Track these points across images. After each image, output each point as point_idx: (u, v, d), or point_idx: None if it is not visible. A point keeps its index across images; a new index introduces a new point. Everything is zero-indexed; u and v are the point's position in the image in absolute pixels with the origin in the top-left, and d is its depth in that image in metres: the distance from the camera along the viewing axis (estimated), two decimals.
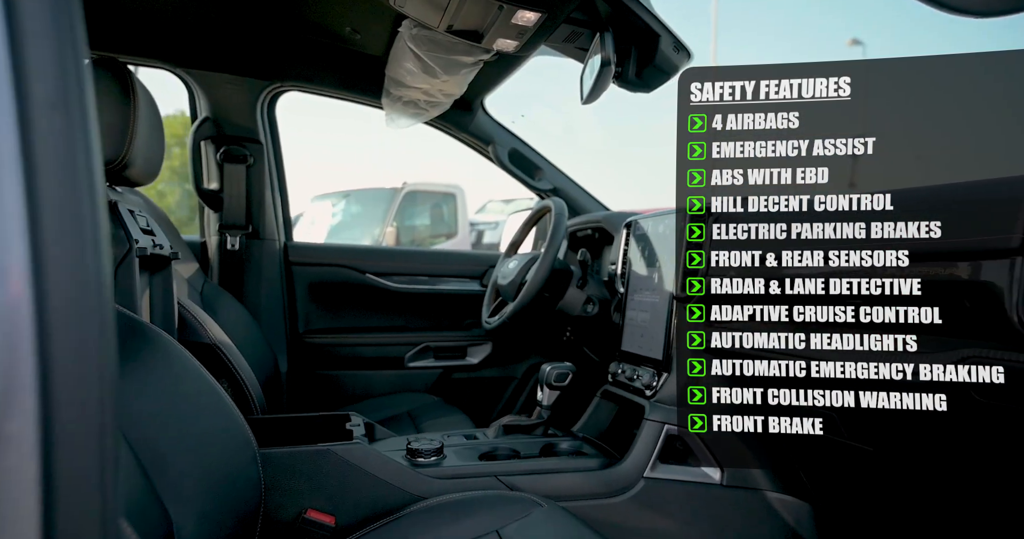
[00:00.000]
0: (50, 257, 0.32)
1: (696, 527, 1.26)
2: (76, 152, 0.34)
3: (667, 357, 1.35)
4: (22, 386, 0.31)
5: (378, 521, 1.07)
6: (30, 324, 0.32)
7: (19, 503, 0.31)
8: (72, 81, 0.34)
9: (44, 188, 0.32)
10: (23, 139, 0.32)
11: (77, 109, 0.34)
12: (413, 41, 1.52)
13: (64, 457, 0.32)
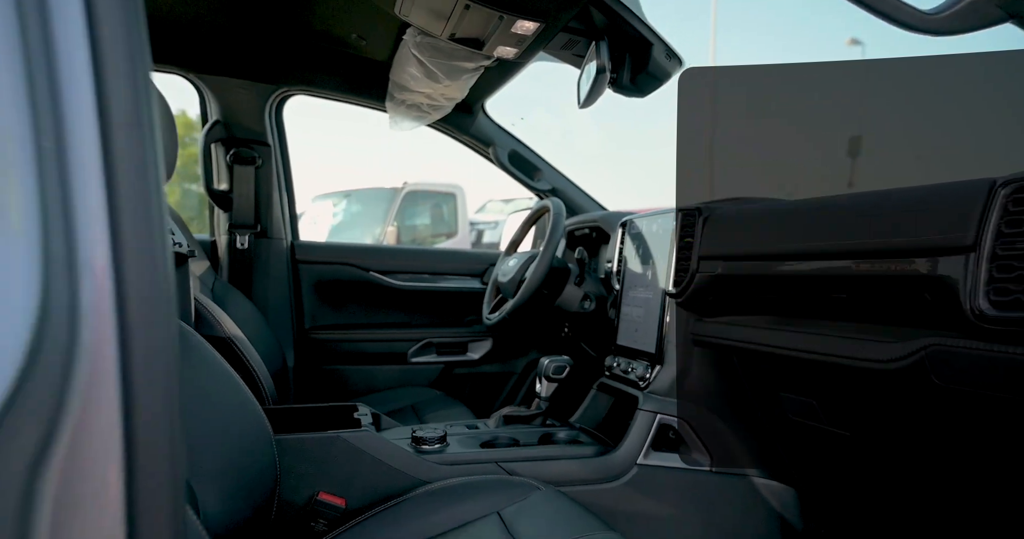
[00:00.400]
0: (127, 255, 0.39)
1: (686, 511, 1.32)
2: (147, 165, 0.40)
3: (659, 350, 1.42)
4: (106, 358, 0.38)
5: (385, 503, 1.13)
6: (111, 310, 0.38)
7: (106, 469, 0.37)
8: (143, 103, 0.41)
9: (123, 197, 0.39)
10: (104, 155, 0.38)
11: (147, 127, 0.40)
12: (417, 48, 1.58)
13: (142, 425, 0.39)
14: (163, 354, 0.40)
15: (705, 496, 1.33)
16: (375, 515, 1.10)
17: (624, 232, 1.70)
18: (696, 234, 1.32)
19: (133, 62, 0.40)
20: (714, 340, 1.29)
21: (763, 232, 1.15)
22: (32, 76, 0.35)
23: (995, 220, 0.71)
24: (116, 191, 0.38)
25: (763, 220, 1.17)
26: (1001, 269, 0.70)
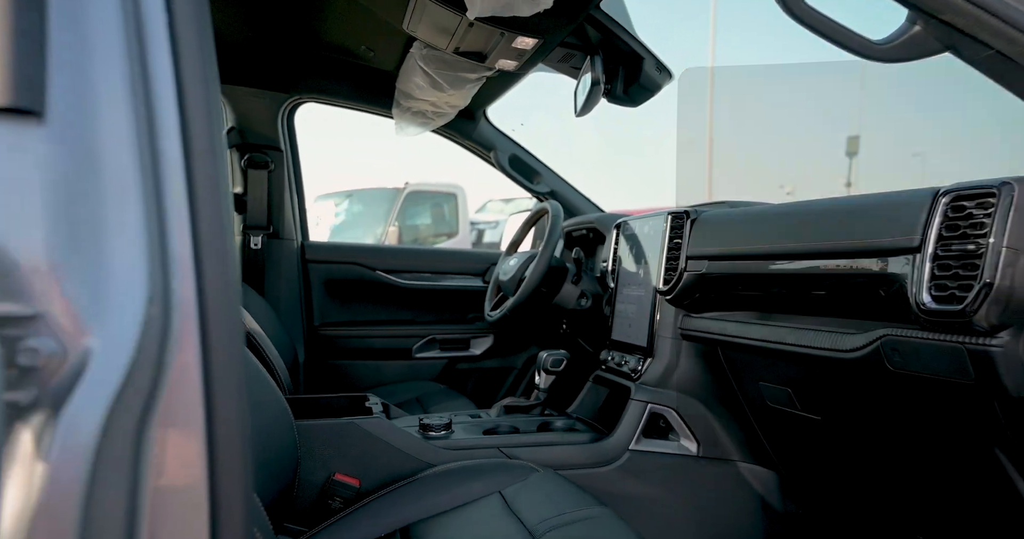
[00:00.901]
0: (204, 255, 0.48)
1: (675, 494, 1.42)
2: (219, 184, 0.50)
3: (651, 344, 1.52)
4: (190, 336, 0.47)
5: (396, 484, 1.23)
6: (194, 298, 0.48)
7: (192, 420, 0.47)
8: (216, 134, 0.50)
9: (201, 211, 0.48)
10: (188, 178, 0.48)
11: (220, 154, 0.50)
12: (423, 60, 1.68)
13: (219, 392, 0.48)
14: (231, 335, 0.50)
15: (692, 480, 1.43)
16: (387, 494, 1.20)
17: (618, 233, 1.80)
18: (684, 235, 1.42)
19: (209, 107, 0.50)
20: (700, 334, 1.39)
21: (743, 234, 1.25)
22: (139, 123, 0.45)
23: (937, 225, 0.81)
24: (196, 205, 0.48)
25: (744, 223, 1.27)
26: (941, 268, 0.79)
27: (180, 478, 0.46)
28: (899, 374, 0.88)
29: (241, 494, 0.49)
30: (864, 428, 1.07)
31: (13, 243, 0.38)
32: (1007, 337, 0.74)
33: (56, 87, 0.41)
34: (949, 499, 1.00)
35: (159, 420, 0.43)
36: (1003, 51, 0.73)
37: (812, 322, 1.09)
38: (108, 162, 0.43)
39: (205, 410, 0.47)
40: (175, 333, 0.46)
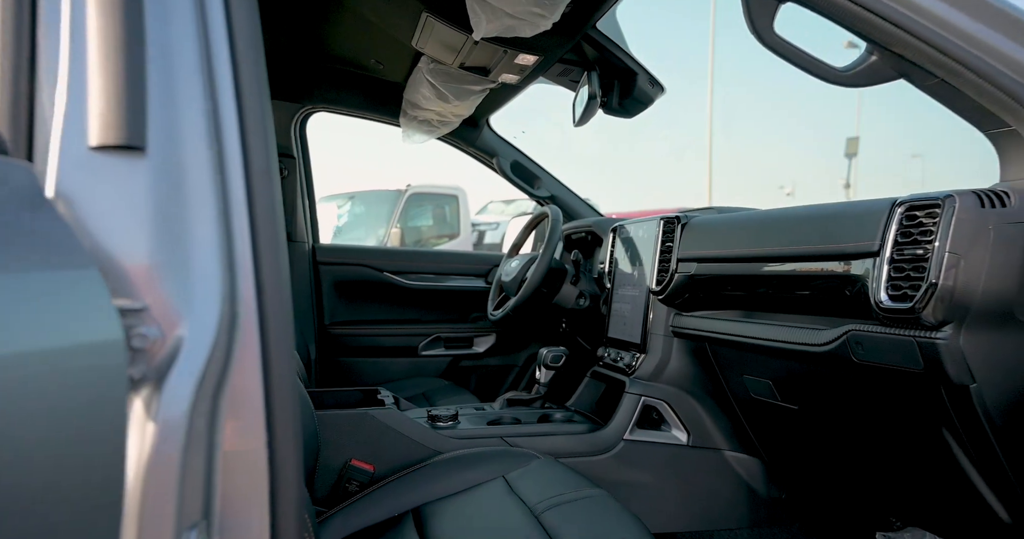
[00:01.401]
0: (262, 262, 0.58)
1: (666, 480, 1.52)
2: (274, 201, 0.60)
3: (644, 341, 1.62)
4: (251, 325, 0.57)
5: (407, 469, 1.33)
6: (254, 295, 0.58)
7: (254, 395, 0.57)
8: (271, 157, 0.60)
9: (259, 225, 0.58)
10: (248, 197, 0.58)
11: (274, 175, 0.60)
12: (430, 74, 1.78)
13: (274, 374, 0.58)
14: (283, 327, 0.60)
15: (683, 467, 1.53)
16: (399, 478, 1.30)
17: (615, 236, 1.90)
18: (675, 239, 1.53)
19: (266, 136, 0.60)
20: (690, 332, 1.49)
21: (729, 238, 1.35)
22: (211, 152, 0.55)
23: (893, 232, 0.91)
24: (255, 220, 0.58)
25: (729, 227, 1.37)
26: (895, 270, 0.90)
27: (244, 444, 0.56)
28: (863, 365, 0.98)
29: (294, 460, 0.59)
30: (835, 415, 1.17)
31: (127, 253, 0.48)
32: (950, 331, 0.85)
33: (152, 125, 0.52)
34: (911, 478, 1.10)
35: (228, 396, 0.54)
36: (946, 79, 0.83)
37: (790, 319, 1.19)
38: (191, 186, 0.53)
39: (263, 388, 0.58)
40: (240, 325, 0.56)
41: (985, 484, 0.93)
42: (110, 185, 0.49)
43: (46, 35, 0.50)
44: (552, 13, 1.24)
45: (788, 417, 1.31)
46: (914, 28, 0.80)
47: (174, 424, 0.48)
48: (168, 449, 0.47)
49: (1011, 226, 0.83)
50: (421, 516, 1.18)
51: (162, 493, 0.47)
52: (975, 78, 0.81)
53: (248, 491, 0.56)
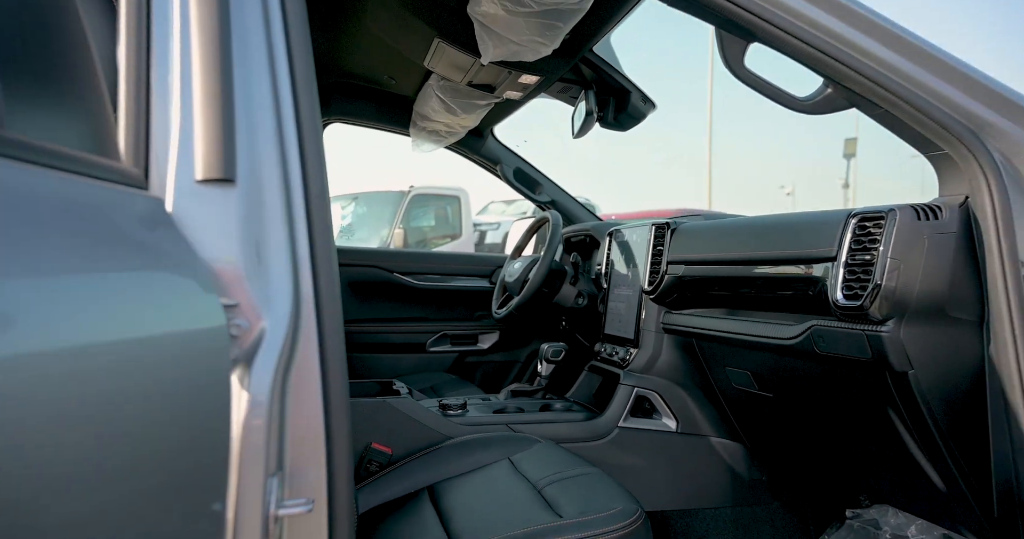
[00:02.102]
0: (319, 269, 0.73)
1: (657, 464, 1.66)
2: (327, 219, 0.74)
3: (637, 337, 1.76)
4: (310, 317, 0.71)
5: (422, 452, 1.48)
6: (311, 292, 0.72)
7: (313, 377, 0.71)
8: (324, 180, 0.75)
9: (316, 239, 0.72)
10: (307, 216, 0.72)
11: (326, 195, 0.74)
12: (439, 90, 1.92)
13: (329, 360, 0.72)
14: (335, 320, 0.74)
15: (672, 453, 1.67)
16: (414, 460, 1.45)
17: (611, 240, 2.04)
18: (665, 243, 1.67)
19: (320, 163, 0.74)
20: (679, 328, 1.63)
21: (713, 243, 1.49)
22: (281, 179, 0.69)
23: (848, 239, 1.05)
24: (313, 235, 0.72)
25: (714, 233, 1.52)
26: (849, 272, 1.04)
27: (306, 412, 0.70)
28: (824, 356, 1.12)
29: (345, 426, 0.73)
30: (805, 401, 1.31)
31: (224, 262, 0.62)
32: (892, 325, 0.99)
33: (240, 160, 0.66)
34: (868, 456, 1.24)
35: (294, 374, 0.68)
36: (889, 110, 0.98)
37: (766, 317, 1.34)
38: (267, 209, 0.68)
39: (320, 368, 0.72)
40: (303, 318, 0.70)
41: (924, 457, 1.07)
42: (211, 209, 0.63)
43: (159, 92, 0.64)
44: (553, 41, 1.38)
45: (765, 405, 1.45)
46: (860, 67, 0.94)
47: (261, 397, 0.62)
48: (257, 415, 0.62)
49: (942, 235, 0.97)
50: (435, 492, 1.32)
51: (254, 450, 0.61)
52: (912, 110, 0.95)
53: (309, 449, 0.70)
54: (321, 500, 0.69)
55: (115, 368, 0.48)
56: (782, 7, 0.94)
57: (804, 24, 0.94)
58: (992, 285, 0.93)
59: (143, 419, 0.51)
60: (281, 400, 0.66)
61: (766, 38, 0.97)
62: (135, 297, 0.53)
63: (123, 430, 0.48)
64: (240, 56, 0.68)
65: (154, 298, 0.55)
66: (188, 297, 0.57)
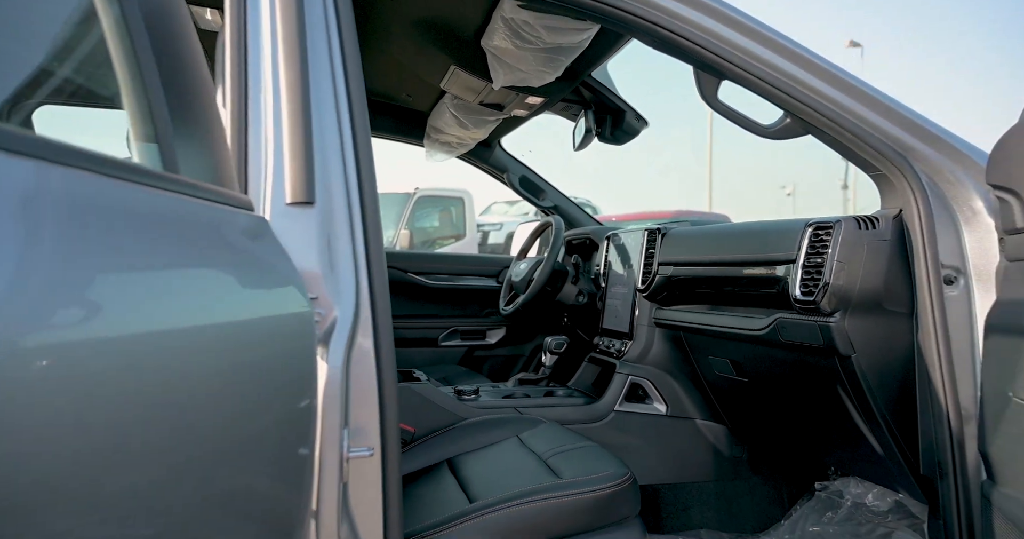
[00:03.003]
0: (373, 271, 0.93)
1: (649, 443, 1.86)
2: (379, 232, 0.94)
3: (631, 330, 1.96)
4: (366, 310, 0.91)
5: (440, 431, 1.67)
6: (367, 287, 0.92)
7: (369, 360, 0.91)
8: (376, 199, 0.94)
9: (371, 245, 0.92)
10: (364, 228, 0.92)
11: (378, 212, 0.94)
12: (452, 107, 2.12)
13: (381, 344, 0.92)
14: (385, 311, 0.94)
15: (662, 433, 1.87)
16: (434, 437, 1.65)
17: (609, 243, 2.24)
18: (657, 247, 1.87)
19: (373, 180, 0.94)
20: (669, 322, 1.83)
21: (699, 246, 1.69)
22: (346, 199, 0.89)
23: (805, 245, 1.25)
24: (369, 242, 0.92)
25: (699, 238, 1.72)
26: (805, 273, 1.24)
27: (363, 382, 0.90)
28: (787, 343, 1.32)
29: (394, 398, 0.93)
30: (774, 384, 1.51)
31: (308, 265, 0.82)
32: (838, 317, 1.19)
33: (317, 185, 0.86)
34: (826, 430, 1.44)
35: (354, 355, 0.88)
36: (836, 137, 1.17)
37: (742, 311, 1.54)
38: (336, 224, 0.88)
39: (375, 348, 0.92)
40: (362, 309, 0.90)
41: (866, 427, 1.27)
42: (298, 225, 0.83)
43: (255, 135, 0.85)
44: (556, 71, 1.58)
45: (743, 389, 1.65)
46: (809, 102, 1.14)
47: (336, 368, 0.82)
48: (334, 381, 0.82)
49: (879, 242, 1.17)
50: (453, 464, 1.52)
51: (332, 408, 0.81)
52: (852, 137, 1.14)
53: (367, 410, 0.90)
54: (377, 449, 0.89)
55: (236, 340, 0.68)
56: (746, 52, 1.13)
57: (764, 67, 1.14)
58: (919, 283, 1.13)
59: (258, 380, 0.71)
60: (346, 370, 0.86)
61: (734, 77, 1.17)
62: (250, 289, 0.73)
63: (243, 389, 0.68)
64: (315, 105, 0.89)
65: (263, 290, 0.75)
66: (286, 290, 0.77)
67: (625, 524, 1.20)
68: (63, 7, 0.66)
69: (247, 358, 0.67)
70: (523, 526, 1.13)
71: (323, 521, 0.80)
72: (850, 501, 1.63)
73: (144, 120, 0.67)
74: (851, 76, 1.14)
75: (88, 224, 0.44)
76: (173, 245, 0.60)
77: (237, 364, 0.65)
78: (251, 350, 0.68)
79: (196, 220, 0.68)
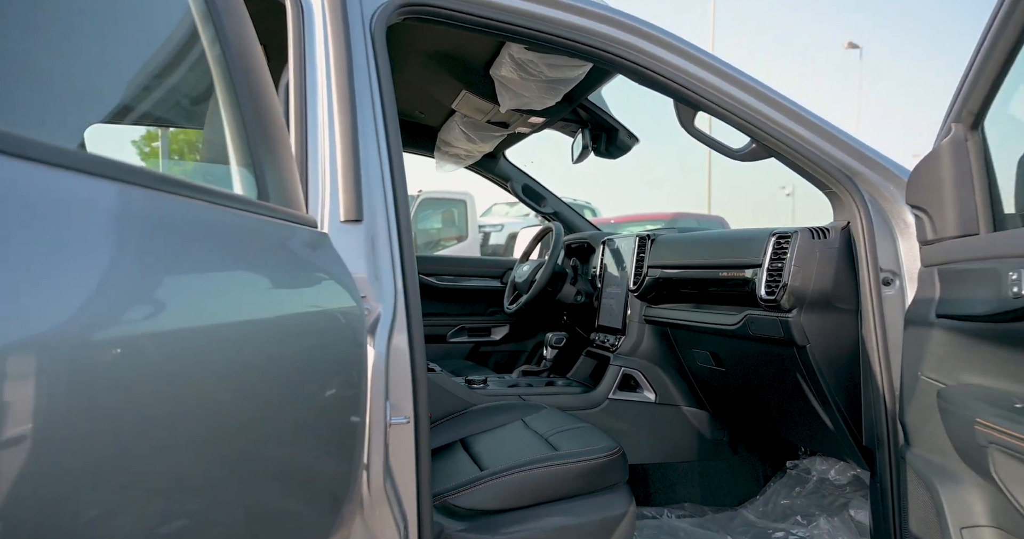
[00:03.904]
0: (407, 274, 1.14)
1: (639, 428, 2.07)
2: (412, 241, 1.15)
3: (624, 326, 2.17)
4: (401, 305, 1.12)
5: (453, 414, 1.89)
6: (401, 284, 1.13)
7: (403, 347, 1.12)
8: (409, 219, 1.16)
9: (405, 256, 1.14)
10: (399, 240, 1.14)
11: (410, 228, 1.15)
12: (462, 124, 2.33)
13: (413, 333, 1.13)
14: (416, 306, 1.15)
15: (651, 419, 2.08)
16: (448, 421, 1.86)
17: (604, 247, 2.45)
18: (647, 251, 2.08)
19: (407, 202, 1.16)
20: (657, 319, 2.04)
21: (684, 251, 1.90)
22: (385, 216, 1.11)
23: (769, 251, 1.46)
24: (403, 252, 1.13)
25: (684, 243, 1.93)
26: (769, 275, 1.45)
27: (400, 370, 1.11)
28: (755, 336, 1.54)
29: (423, 380, 1.14)
30: (747, 373, 1.73)
31: (359, 271, 1.03)
32: (795, 313, 1.40)
33: (364, 205, 1.07)
34: (789, 410, 1.66)
35: (393, 344, 1.09)
36: (794, 161, 1.39)
37: (720, 309, 1.75)
38: (378, 237, 1.09)
39: (409, 342, 1.13)
40: (399, 305, 1.11)
41: (820, 407, 1.48)
42: (350, 239, 1.04)
43: (313, 165, 1.06)
44: (556, 97, 1.80)
45: (721, 378, 1.86)
46: (770, 131, 1.35)
47: (380, 353, 1.03)
48: (379, 363, 1.03)
49: (830, 250, 1.38)
50: (466, 443, 1.73)
51: (378, 386, 1.02)
52: (807, 161, 1.36)
53: (402, 387, 1.11)
54: (411, 418, 1.10)
55: (307, 328, 0.88)
56: (717, 89, 1.35)
57: (733, 101, 1.35)
58: (862, 285, 1.34)
59: (324, 358, 0.92)
60: (388, 356, 1.07)
61: (707, 109, 1.38)
62: (316, 289, 0.94)
63: (313, 366, 0.88)
64: (361, 141, 1.10)
65: (326, 290, 0.96)
66: (343, 290, 0.99)
67: (615, 489, 1.41)
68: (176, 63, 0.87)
69: (315, 342, 0.88)
70: (528, 489, 1.34)
71: (372, 474, 1.01)
72: (816, 477, 1.84)
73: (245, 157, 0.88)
74: (806, 110, 1.35)
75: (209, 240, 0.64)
76: (263, 255, 0.81)
77: (309, 347, 0.86)
78: (318, 336, 0.89)
79: (280, 236, 0.89)
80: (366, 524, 1.02)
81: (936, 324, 1.06)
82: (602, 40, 1.29)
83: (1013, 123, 1.14)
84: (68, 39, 0.67)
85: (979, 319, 0.92)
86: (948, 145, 1.06)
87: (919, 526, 1.12)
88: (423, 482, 1.09)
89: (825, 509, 1.73)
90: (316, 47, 1.13)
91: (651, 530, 1.85)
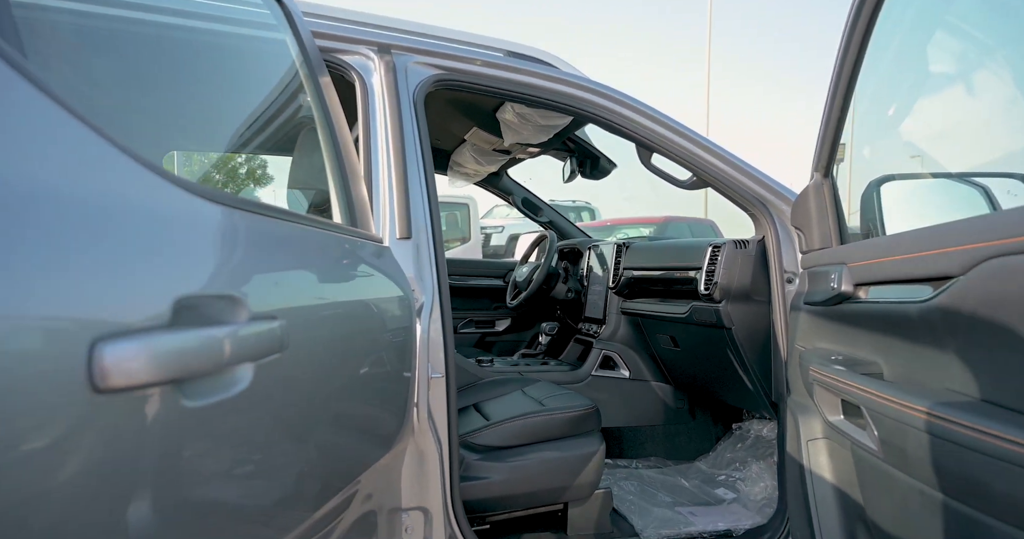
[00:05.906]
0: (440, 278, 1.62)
1: (616, 399, 2.56)
2: (443, 249, 1.63)
3: (604, 317, 2.66)
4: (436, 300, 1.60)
5: (467, 386, 2.37)
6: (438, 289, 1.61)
7: (438, 339, 1.60)
8: (441, 235, 1.64)
9: (439, 261, 1.62)
10: (435, 250, 1.62)
11: (442, 241, 1.64)
12: (471, 150, 2.82)
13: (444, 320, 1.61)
14: (447, 301, 1.64)
15: (625, 391, 2.57)
16: (462, 391, 2.34)
17: (590, 252, 2.94)
18: (623, 256, 2.57)
19: (440, 217, 1.64)
20: (631, 311, 2.53)
21: (652, 256, 2.39)
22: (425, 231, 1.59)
23: (707, 257, 1.95)
24: (437, 259, 1.62)
25: (651, 251, 2.41)
26: (706, 276, 1.93)
27: (436, 341, 1.59)
28: (698, 322, 2.02)
29: (452, 350, 1.62)
30: (696, 351, 2.21)
31: (410, 272, 1.51)
32: (724, 304, 1.89)
33: (412, 223, 1.55)
34: (725, 379, 2.14)
35: (431, 323, 1.57)
36: (722, 191, 1.87)
37: (675, 302, 2.23)
38: (421, 250, 1.57)
39: (441, 323, 1.61)
40: (435, 297, 1.60)
41: (744, 375, 1.97)
42: (404, 251, 1.53)
43: (376, 193, 1.54)
44: (549, 135, 2.28)
45: (679, 356, 2.35)
46: (701, 166, 1.83)
47: (424, 329, 1.52)
48: (423, 337, 1.51)
49: (748, 257, 1.87)
50: (477, 406, 2.21)
51: (423, 351, 1.50)
52: (731, 190, 1.84)
53: (437, 353, 1.59)
54: (443, 375, 1.58)
55: (380, 309, 1.36)
56: (664, 138, 1.83)
57: (676, 146, 1.83)
58: (773, 282, 1.83)
59: (390, 330, 1.40)
60: (428, 330, 1.56)
61: (659, 151, 1.87)
62: (384, 283, 1.42)
63: (384, 336, 1.36)
64: (410, 180, 1.58)
65: (391, 284, 1.44)
66: (400, 285, 1.47)
67: (590, 434, 1.90)
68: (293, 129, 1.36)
69: (385, 320, 1.36)
70: (526, 432, 1.83)
71: (420, 410, 1.49)
72: (754, 434, 2.33)
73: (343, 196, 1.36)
74: (732, 154, 1.84)
75: (322, 253, 1.13)
76: (353, 262, 1.29)
77: (381, 322, 1.34)
78: (387, 315, 1.38)
79: (361, 249, 1.37)
80: (416, 443, 1.50)
81: (803, 309, 1.54)
82: (580, 102, 1.78)
83: (857, 168, 1.63)
84: (217, 109, 1.17)
85: (819, 304, 1.40)
86: (812, 187, 1.54)
87: (791, 444, 1.60)
88: (452, 417, 1.57)
89: (757, 458, 2.21)
90: (377, 111, 1.61)
91: (623, 476, 2.33)
